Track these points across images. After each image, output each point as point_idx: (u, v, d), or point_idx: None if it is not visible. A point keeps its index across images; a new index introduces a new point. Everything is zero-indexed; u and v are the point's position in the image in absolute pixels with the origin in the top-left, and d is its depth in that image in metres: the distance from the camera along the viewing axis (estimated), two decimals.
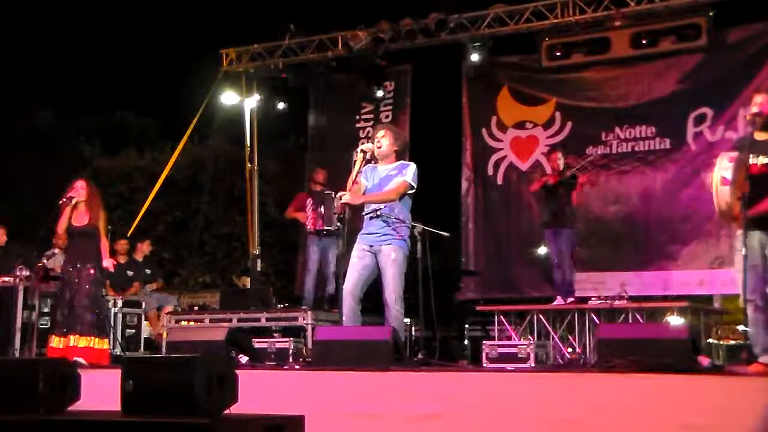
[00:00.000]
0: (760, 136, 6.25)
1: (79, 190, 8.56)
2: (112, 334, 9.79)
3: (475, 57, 11.81)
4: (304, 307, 10.22)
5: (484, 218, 12.46)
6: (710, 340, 8.54)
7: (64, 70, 18.16)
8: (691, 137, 11.21)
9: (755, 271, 5.98)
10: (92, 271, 8.53)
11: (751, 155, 6.14)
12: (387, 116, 12.65)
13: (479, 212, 12.50)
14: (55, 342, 8.31)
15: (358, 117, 13.04)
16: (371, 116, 12.87)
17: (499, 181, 12.40)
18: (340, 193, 7.19)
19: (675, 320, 9.00)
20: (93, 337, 8.43)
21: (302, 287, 11.28)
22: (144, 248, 12.57)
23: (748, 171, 6.09)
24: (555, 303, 10.08)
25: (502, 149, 12.41)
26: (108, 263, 8.66)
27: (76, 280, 8.43)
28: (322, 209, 10.75)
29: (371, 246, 7.05)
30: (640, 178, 11.47)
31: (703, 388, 5.11)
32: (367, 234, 7.11)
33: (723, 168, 6.11)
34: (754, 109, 6.25)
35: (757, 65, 10.73)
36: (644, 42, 11.14)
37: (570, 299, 9.93)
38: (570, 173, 10.35)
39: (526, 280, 11.96)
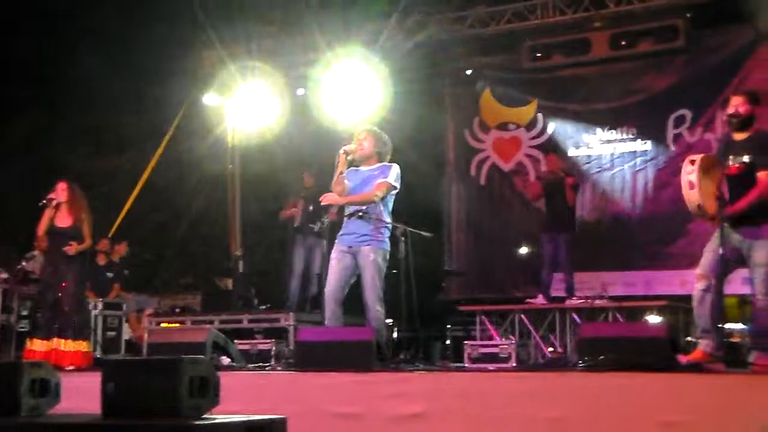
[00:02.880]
0: (736, 136, 6.33)
1: (62, 191, 8.52)
2: (92, 337, 9.76)
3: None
4: (286, 309, 10.23)
5: (467, 219, 12.50)
6: (689, 339, 8.57)
7: (44, 71, 18.07)
8: (671, 139, 11.31)
9: (719, 256, 6.04)
10: (75, 272, 8.49)
11: (730, 156, 6.21)
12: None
13: (462, 213, 12.54)
14: (37, 345, 8.26)
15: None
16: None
17: (482, 182, 12.44)
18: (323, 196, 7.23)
19: (654, 319, 9.05)
20: (78, 340, 8.40)
21: (286, 289, 11.29)
22: (121, 250, 12.55)
23: (727, 171, 6.16)
24: (535, 300, 10.06)
25: (484, 150, 12.47)
26: (69, 249, 8.50)
27: (59, 283, 8.39)
28: (311, 208, 10.81)
29: (350, 247, 7.06)
30: (621, 179, 11.54)
31: (682, 386, 5.15)
32: (346, 234, 7.13)
33: (687, 172, 6.19)
34: (731, 110, 6.33)
35: (734, 67, 10.84)
36: (623, 43, 11.22)
37: (573, 299, 9.82)
38: (562, 175, 10.36)
39: (509, 280, 12.01)
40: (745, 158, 6.21)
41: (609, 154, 11.69)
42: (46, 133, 19.00)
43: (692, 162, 6.21)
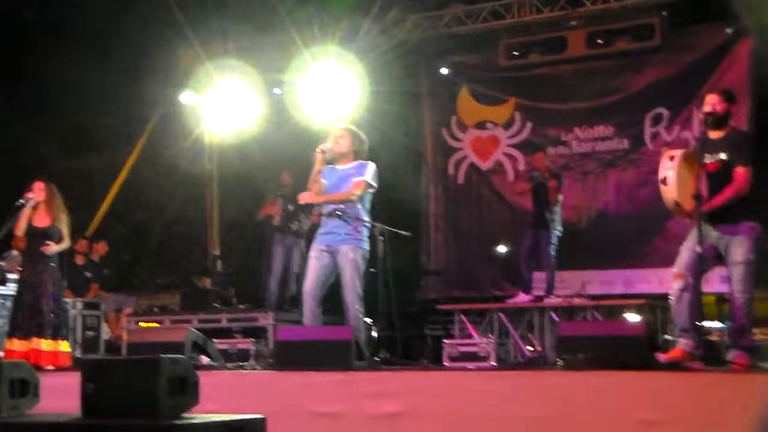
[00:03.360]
0: (712, 134, 6.39)
1: (39, 191, 8.48)
2: (71, 337, 9.72)
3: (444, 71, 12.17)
4: (264, 308, 10.22)
5: (445, 218, 12.52)
6: (667, 337, 8.62)
7: (21, 69, 17.96)
8: (649, 137, 11.35)
9: (697, 254, 6.09)
10: (52, 272, 8.45)
11: (706, 154, 6.26)
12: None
13: (440, 212, 12.55)
14: (16, 345, 8.22)
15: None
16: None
17: (460, 181, 12.45)
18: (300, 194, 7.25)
19: (633, 317, 9.09)
20: (57, 340, 8.37)
21: (265, 288, 11.29)
22: (100, 249, 12.51)
23: (704, 169, 6.21)
24: (517, 299, 10.10)
25: (462, 149, 12.47)
26: (47, 248, 8.46)
27: (37, 282, 8.35)
28: (291, 207, 10.83)
29: (329, 246, 7.08)
30: (600, 177, 11.59)
31: (661, 384, 5.18)
32: (324, 234, 7.14)
33: (665, 168, 6.24)
34: (707, 109, 6.39)
35: (710, 66, 10.89)
36: (600, 42, 11.25)
37: (552, 297, 9.85)
38: (546, 176, 10.36)
39: (488, 278, 12.02)
40: (722, 156, 6.28)
41: (587, 153, 11.72)
42: (20, 133, 18.89)
43: (671, 158, 6.25)
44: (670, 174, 6.19)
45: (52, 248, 8.41)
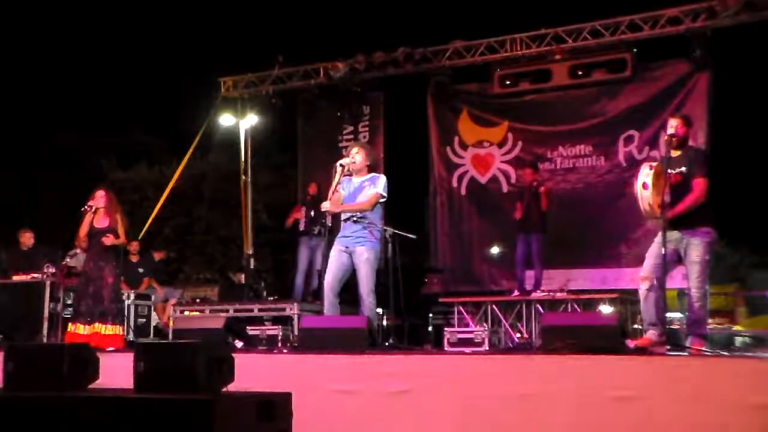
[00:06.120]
0: (674, 153, 6.44)
1: (100, 198, 8.56)
2: (125, 323, 9.78)
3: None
4: (291, 299, 10.26)
5: (449, 223, 12.51)
6: (636, 326, 8.62)
7: (85, 94, 18.14)
8: (622, 155, 11.35)
9: (659, 258, 6.12)
10: (112, 267, 8.51)
11: (668, 169, 6.30)
12: (364, 136, 12.70)
13: (445, 219, 12.55)
14: (80, 329, 8.27)
15: (340, 137, 13.06)
16: (351, 136, 12.91)
17: (463, 192, 12.45)
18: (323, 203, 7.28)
19: (606, 309, 9.09)
20: (116, 325, 8.43)
21: (293, 283, 11.37)
22: (159, 255, 12.74)
23: (667, 181, 6.24)
24: (514, 295, 10.06)
25: (464, 165, 12.47)
26: (106, 239, 8.52)
27: (99, 275, 8.41)
28: (312, 213, 10.92)
29: (347, 247, 7.10)
30: (581, 189, 11.59)
31: (630, 366, 5.20)
32: (343, 236, 7.17)
33: (644, 175, 6.29)
34: (670, 131, 6.44)
35: (672, 94, 10.95)
36: (580, 73, 11.37)
37: (538, 292, 9.83)
38: (536, 185, 10.34)
39: (487, 275, 12.04)
40: (682, 169, 6.33)
41: (569, 168, 11.73)
42: (85, 148, 19.04)
43: (650, 167, 6.31)
44: (648, 180, 6.24)
45: (111, 240, 8.45)
